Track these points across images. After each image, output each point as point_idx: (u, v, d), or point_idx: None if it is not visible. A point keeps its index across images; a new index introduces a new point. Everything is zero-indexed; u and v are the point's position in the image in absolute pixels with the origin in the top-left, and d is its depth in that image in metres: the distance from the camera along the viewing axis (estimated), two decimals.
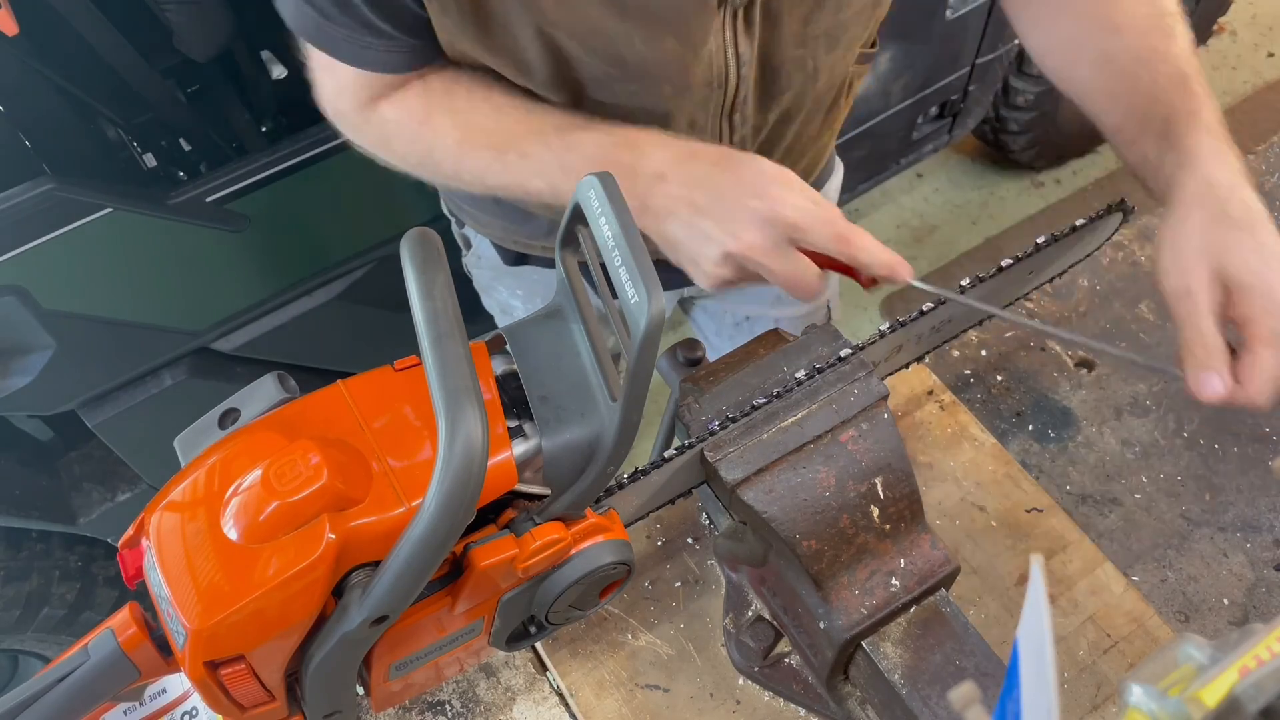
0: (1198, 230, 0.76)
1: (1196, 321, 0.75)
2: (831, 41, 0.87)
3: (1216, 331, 0.74)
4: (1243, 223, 0.74)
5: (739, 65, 0.82)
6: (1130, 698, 0.47)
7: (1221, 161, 0.78)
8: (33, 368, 1.47)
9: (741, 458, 0.74)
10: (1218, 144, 0.79)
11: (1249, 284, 0.73)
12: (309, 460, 0.54)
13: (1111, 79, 0.86)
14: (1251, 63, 3.18)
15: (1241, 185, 0.77)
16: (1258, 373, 0.73)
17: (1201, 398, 0.75)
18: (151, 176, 1.73)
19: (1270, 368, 0.73)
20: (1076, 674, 0.89)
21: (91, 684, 0.58)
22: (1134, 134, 0.84)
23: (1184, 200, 0.78)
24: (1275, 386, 0.74)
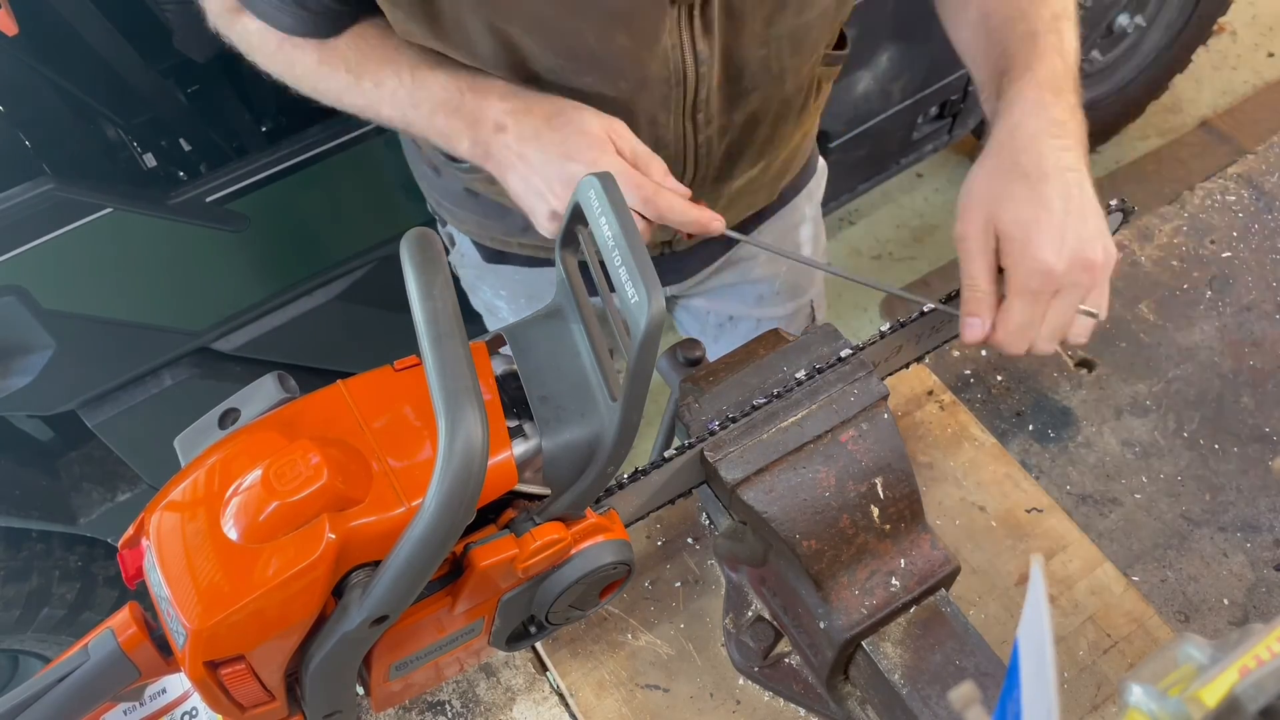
0: (985, 178, 0.78)
1: (968, 266, 0.78)
2: (795, 43, 0.87)
3: (986, 277, 0.77)
4: (1029, 173, 0.75)
5: (698, 64, 0.83)
6: (1130, 698, 0.47)
7: (1034, 110, 0.78)
8: (33, 368, 1.47)
9: (741, 458, 0.74)
10: (1041, 94, 0.79)
11: (1011, 234, 0.75)
12: (309, 460, 0.54)
13: (980, 38, 0.88)
14: (1251, 63, 3.18)
15: (1045, 135, 0.77)
16: (1005, 320, 0.76)
17: (963, 339, 0.79)
18: (151, 176, 1.72)
19: (1017, 317, 0.76)
20: (1076, 674, 0.89)
21: (91, 684, 0.58)
22: (989, 91, 0.85)
23: (988, 147, 0.79)
24: (1022, 335, 0.76)
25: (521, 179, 0.77)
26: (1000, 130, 0.79)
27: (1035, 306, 0.76)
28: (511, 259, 1.14)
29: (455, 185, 1.06)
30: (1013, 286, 0.76)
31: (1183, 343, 1.16)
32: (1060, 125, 0.78)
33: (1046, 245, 0.74)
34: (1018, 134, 0.78)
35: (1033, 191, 0.75)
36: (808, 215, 1.25)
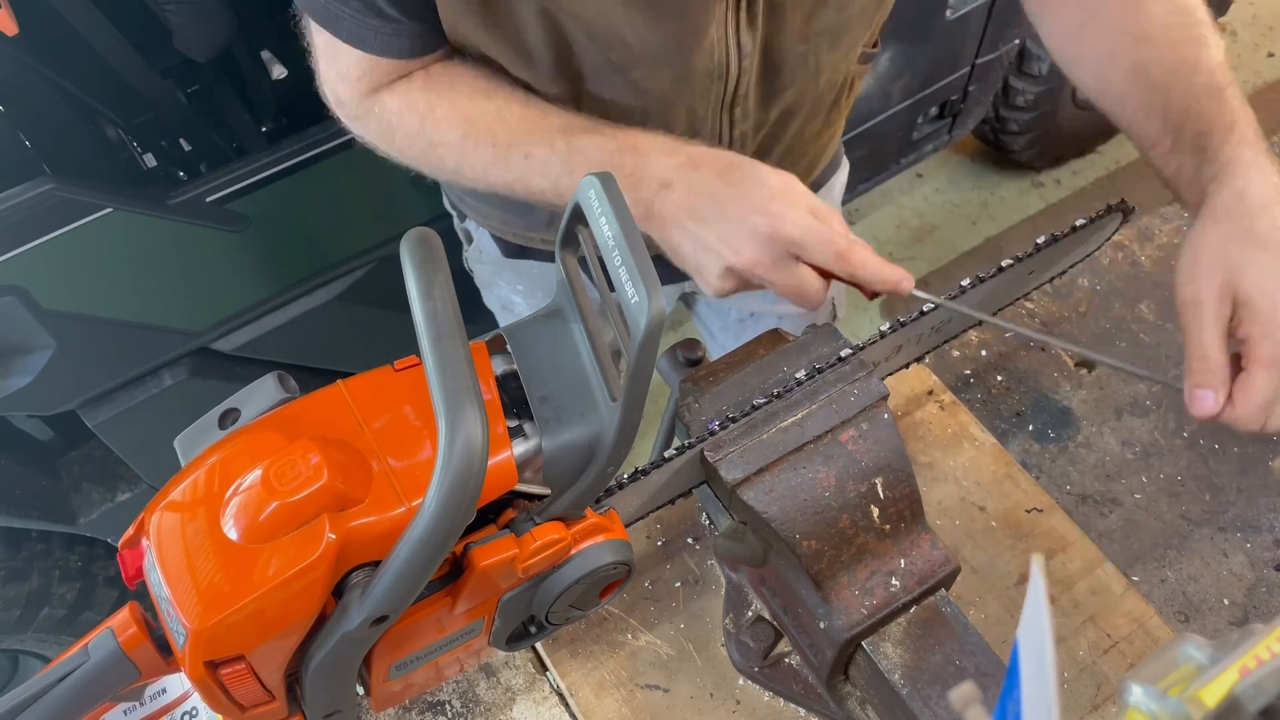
0: (1218, 242, 0.75)
1: (1200, 335, 0.74)
2: (834, 39, 0.87)
3: (1219, 347, 0.74)
4: (1267, 240, 0.73)
5: (740, 57, 0.82)
6: (1130, 698, 0.47)
7: (1258, 175, 0.76)
8: (33, 368, 1.47)
9: (741, 458, 0.74)
10: (1256, 156, 0.77)
11: (1256, 304, 0.72)
12: (309, 460, 0.54)
13: (1144, 91, 0.84)
14: (1251, 63, 3.18)
15: (1275, 200, 0.75)
16: (1248, 395, 0.73)
17: (1192, 412, 0.75)
18: (151, 176, 1.73)
19: (1262, 392, 0.72)
20: (1076, 674, 0.89)
21: (91, 684, 0.58)
22: (1169, 147, 0.82)
23: (1212, 210, 0.77)
24: (1264, 411, 0.73)
25: (692, 237, 0.74)
26: (1224, 194, 0.76)
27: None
28: (533, 254, 1.13)
29: None
30: (1260, 358, 0.72)
31: (1182, 343, 1.16)
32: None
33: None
34: (1247, 199, 0.75)
35: (1275, 261, 0.72)
36: None
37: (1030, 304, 1.21)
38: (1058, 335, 0.85)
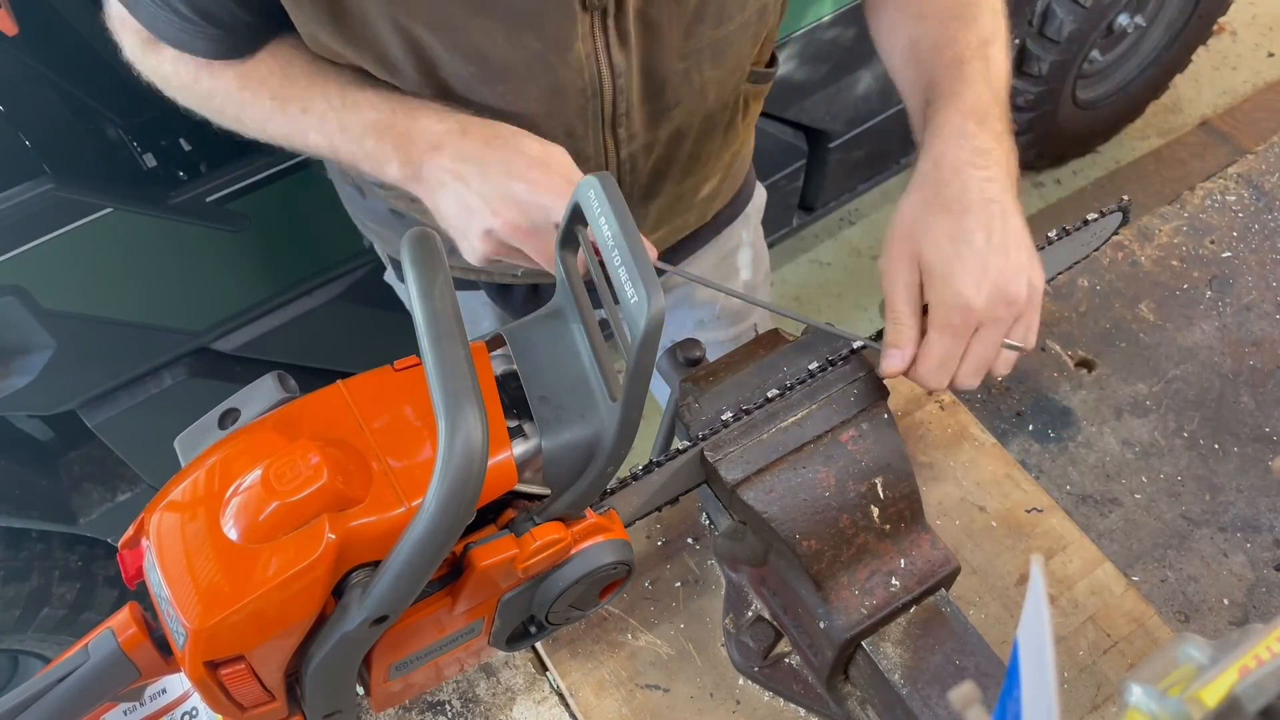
0: (910, 211, 0.77)
1: (890, 299, 0.77)
2: (716, 56, 0.86)
3: (908, 310, 0.76)
4: (952, 205, 0.75)
5: (614, 75, 0.82)
6: (1130, 698, 0.47)
7: (960, 141, 0.77)
8: (33, 368, 1.47)
9: (741, 458, 0.74)
10: (964, 123, 0.77)
11: (933, 268, 0.74)
12: (309, 460, 0.54)
13: (910, 66, 0.87)
14: (1251, 63, 3.18)
15: (970, 165, 0.76)
16: (924, 355, 0.75)
17: (881, 371, 0.77)
18: (151, 176, 1.72)
19: (936, 351, 0.75)
20: (1076, 674, 0.89)
21: (91, 684, 0.58)
22: (919, 120, 0.84)
23: (913, 180, 0.79)
24: (940, 369, 0.75)
25: (455, 199, 0.75)
26: (924, 161, 0.78)
27: (956, 341, 0.74)
28: None
29: (380, 206, 1.06)
30: (933, 321, 0.74)
31: (1183, 343, 1.16)
32: (984, 154, 0.76)
33: (966, 280, 0.72)
34: (941, 165, 0.77)
35: (955, 224, 0.74)
36: (745, 240, 1.24)
37: None
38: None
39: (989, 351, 0.75)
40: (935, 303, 0.74)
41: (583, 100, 0.83)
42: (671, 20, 0.80)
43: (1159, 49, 2.67)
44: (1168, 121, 3.03)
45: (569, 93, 0.82)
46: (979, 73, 0.81)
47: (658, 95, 0.86)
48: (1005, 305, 0.73)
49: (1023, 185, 3.18)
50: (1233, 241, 1.25)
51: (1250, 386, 1.12)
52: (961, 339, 0.74)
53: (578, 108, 0.84)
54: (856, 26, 1.91)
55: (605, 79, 0.82)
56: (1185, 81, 2.98)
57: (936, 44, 0.84)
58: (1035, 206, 2.88)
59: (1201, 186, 1.31)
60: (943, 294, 0.73)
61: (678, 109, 0.89)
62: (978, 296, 0.72)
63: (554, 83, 0.81)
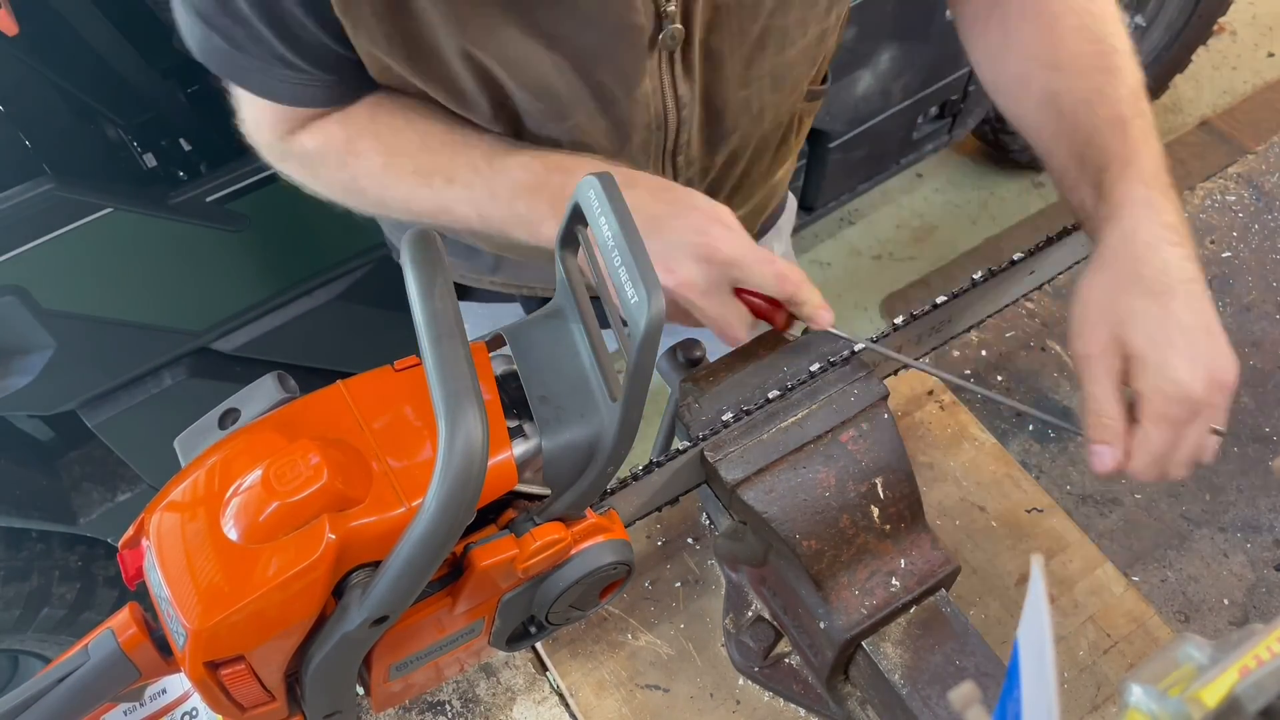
0: (1106, 292, 0.73)
1: (1093, 389, 0.73)
2: (777, 82, 0.85)
3: (1113, 401, 0.73)
4: (1153, 288, 0.71)
5: (679, 108, 0.80)
6: (1130, 698, 0.47)
7: (1148, 215, 0.74)
8: (33, 368, 1.47)
9: (741, 458, 0.74)
10: (1149, 194, 0.74)
11: (1144, 356, 0.71)
12: (309, 460, 0.54)
13: (1054, 119, 0.82)
14: (1251, 63, 3.18)
15: (1165, 243, 0.73)
16: (1143, 449, 0.72)
17: (1093, 468, 0.74)
18: (151, 176, 1.72)
19: (1156, 445, 0.72)
20: (1076, 674, 0.89)
21: (91, 684, 0.57)
22: (1074, 178, 0.80)
23: (1100, 254, 0.75)
24: (1159, 463, 0.72)
25: None
26: (1112, 237, 0.74)
27: (1175, 433, 0.71)
28: (476, 294, 1.10)
29: None
30: (1149, 413, 0.71)
31: None
32: (1176, 231, 0.73)
33: (1184, 369, 0.69)
34: (1134, 242, 0.73)
35: (1162, 309, 0.70)
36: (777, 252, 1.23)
37: (1030, 304, 1.21)
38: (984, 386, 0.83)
39: (1202, 440, 0.72)
40: (1152, 392, 0.71)
41: (648, 134, 0.82)
42: (734, 49, 0.78)
43: (1159, 49, 2.67)
44: (1168, 121, 3.03)
45: (635, 127, 0.81)
46: (1144, 133, 0.77)
47: (717, 123, 0.85)
48: (1219, 391, 0.71)
49: (1022, 185, 3.20)
50: (1233, 241, 1.25)
51: (1250, 386, 1.12)
52: (1180, 430, 0.71)
53: (642, 141, 0.82)
54: (857, 26, 1.91)
55: (670, 112, 0.80)
56: (1185, 81, 2.98)
57: (1086, 99, 0.80)
58: (1035, 206, 2.88)
59: (1201, 186, 1.31)
60: (1159, 383, 0.70)
61: (735, 134, 0.88)
62: (1195, 385, 0.70)
63: (620, 117, 0.79)
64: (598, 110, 0.78)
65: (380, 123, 0.81)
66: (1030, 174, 2.93)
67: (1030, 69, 0.84)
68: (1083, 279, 0.75)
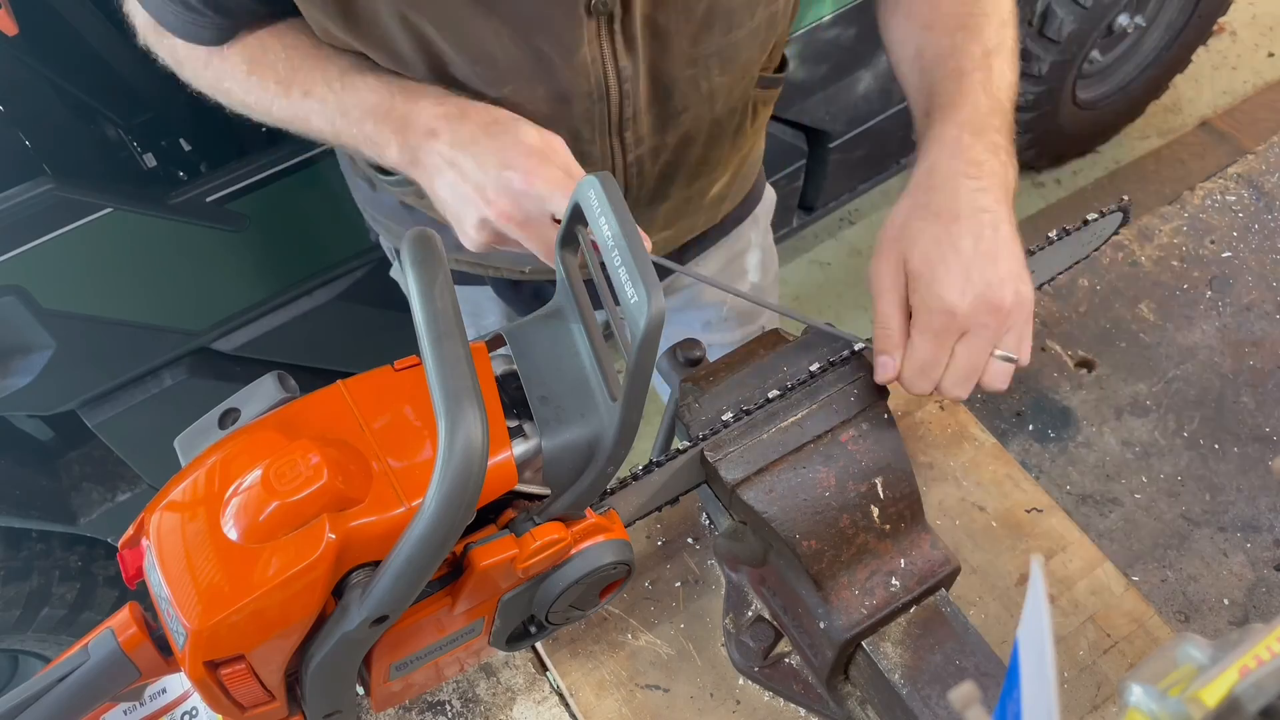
0: (900, 217, 0.77)
1: (878, 304, 0.77)
2: (725, 62, 0.86)
3: (895, 315, 0.76)
4: (940, 213, 0.75)
5: (621, 80, 0.82)
6: (1130, 698, 0.47)
7: (953, 151, 0.77)
8: (33, 368, 1.47)
9: (741, 458, 0.74)
10: (960, 134, 0.78)
11: (919, 273, 0.74)
12: (309, 460, 0.54)
13: (916, 74, 0.87)
14: (1251, 63, 3.18)
15: (961, 175, 0.76)
16: (909, 359, 0.75)
17: (875, 378, 0.77)
18: (151, 176, 1.72)
19: (920, 355, 0.75)
20: (1076, 674, 0.89)
21: (91, 684, 0.58)
22: (920, 129, 0.84)
23: (905, 189, 0.79)
24: (924, 374, 0.75)
25: (450, 186, 0.75)
26: (918, 170, 0.78)
27: (939, 346, 0.74)
28: None
29: (390, 200, 1.05)
30: (916, 325, 0.74)
31: (1183, 343, 1.16)
32: (977, 165, 0.76)
33: (950, 285, 0.72)
34: (934, 174, 0.77)
35: (943, 231, 0.74)
36: (754, 242, 1.24)
37: None
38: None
39: (975, 359, 0.74)
40: (918, 306, 0.74)
41: (589, 104, 0.83)
42: (680, 26, 0.79)
43: (1159, 49, 2.67)
44: (1168, 121, 3.03)
45: (575, 96, 0.82)
46: (979, 84, 0.80)
47: (665, 100, 0.86)
48: (990, 312, 0.73)
49: (1022, 185, 3.19)
50: (1233, 241, 1.25)
51: (1250, 386, 1.12)
52: (945, 344, 0.74)
53: (584, 111, 0.83)
54: (856, 26, 1.91)
55: (612, 83, 0.82)
56: (1185, 81, 2.98)
57: (940, 54, 0.84)
58: (1035, 206, 2.88)
59: (1201, 186, 1.31)
60: (925, 297, 0.73)
61: (685, 114, 0.89)
62: (961, 301, 0.72)
63: (560, 86, 0.81)
64: (536, 76, 0.80)
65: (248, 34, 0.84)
66: (1030, 174, 2.93)
67: (909, 29, 0.89)
68: (893, 208, 0.79)
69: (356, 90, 0.79)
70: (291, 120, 0.84)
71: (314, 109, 0.81)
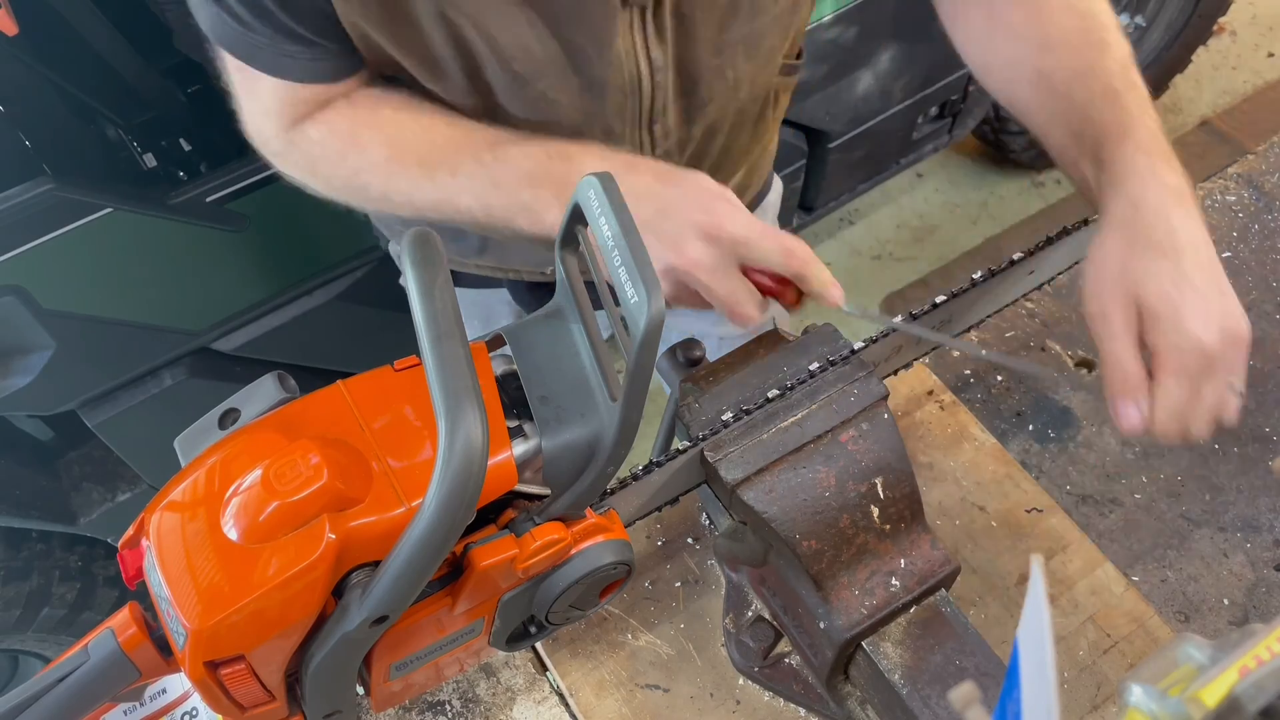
0: (1117, 254, 0.75)
1: (1113, 348, 0.74)
2: (750, 49, 0.85)
3: (1132, 358, 0.74)
4: (1164, 247, 0.73)
5: (653, 71, 0.81)
6: (1130, 698, 0.47)
7: (1151, 180, 0.75)
8: (33, 368, 1.47)
9: (741, 458, 0.74)
10: (1150, 161, 0.76)
11: (1159, 312, 0.72)
12: (309, 460, 0.54)
13: (1047, 98, 0.84)
14: (1251, 63, 3.18)
15: (1171, 206, 0.74)
16: (1163, 405, 0.73)
17: (1119, 427, 0.75)
18: (151, 176, 1.73)
19: (1175, 399, 0.73)
20: (1076, 674, 0.89)
21: (91, 684, 0.58)
22: (1074, 155, 0.82)
23: (1109, 222, 0.76)
24: (1180, 419, 0.73)
25: None
26: (1119, 204, 0.76)
27: (1192, 386, 0.72)
28: (464, 279, 1.10)
29: None
30: (1166, 367, 0.72)
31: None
32: (1180, 194, 0.75)
33: (1198, 321, 0.71)
34: (1141, 208, 0.75)
35: (1174, 267, 0.72)
36: None
37: (1030, 304, 1.21)
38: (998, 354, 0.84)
39: (1221, 395, 0.73)
40: (1167, 347, 0.72)
41: (621, 98, 0.83)
42: (706, 14, 0.79)
43: (1159, 49, 2.67)
44: (1168, 121, 3.03)
45: (608, 90, 0.81)
46: (1139, 103, 0.79)
47: (692, 92, 0.86)
48: (1233, 345, 0.72)
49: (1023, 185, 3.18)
50: (1233, 241, 1.25)
51: (1250, 386, 1.12)
52: (1197, 383, 0.72)
53: (616, 106, 0.83)
54: (856, 26, 1.91)
55: (644, 76, 0.81)
56: (1185, 81, 2.98)
57: (1077, 74, 0.81)
58: (1035, 206, 2.88)
59: (1201, 186, 1.31)
60: (1174, 338, 0.71)
61: (711, 105, 0.88)
62: (1209, 337, 0.71)
63: (593, 79, 0.80)
64: (570, 69, 0.79)
65: (383, 115, 0.81)
66: (1030, 174, 2.93)
67: (1020, 50, 0.85)
68: (1093, 245, 0.76)
69: (509, 160, 0.77)
70: (437, 204, 0.81)
71: (462, 187, 0.79)
